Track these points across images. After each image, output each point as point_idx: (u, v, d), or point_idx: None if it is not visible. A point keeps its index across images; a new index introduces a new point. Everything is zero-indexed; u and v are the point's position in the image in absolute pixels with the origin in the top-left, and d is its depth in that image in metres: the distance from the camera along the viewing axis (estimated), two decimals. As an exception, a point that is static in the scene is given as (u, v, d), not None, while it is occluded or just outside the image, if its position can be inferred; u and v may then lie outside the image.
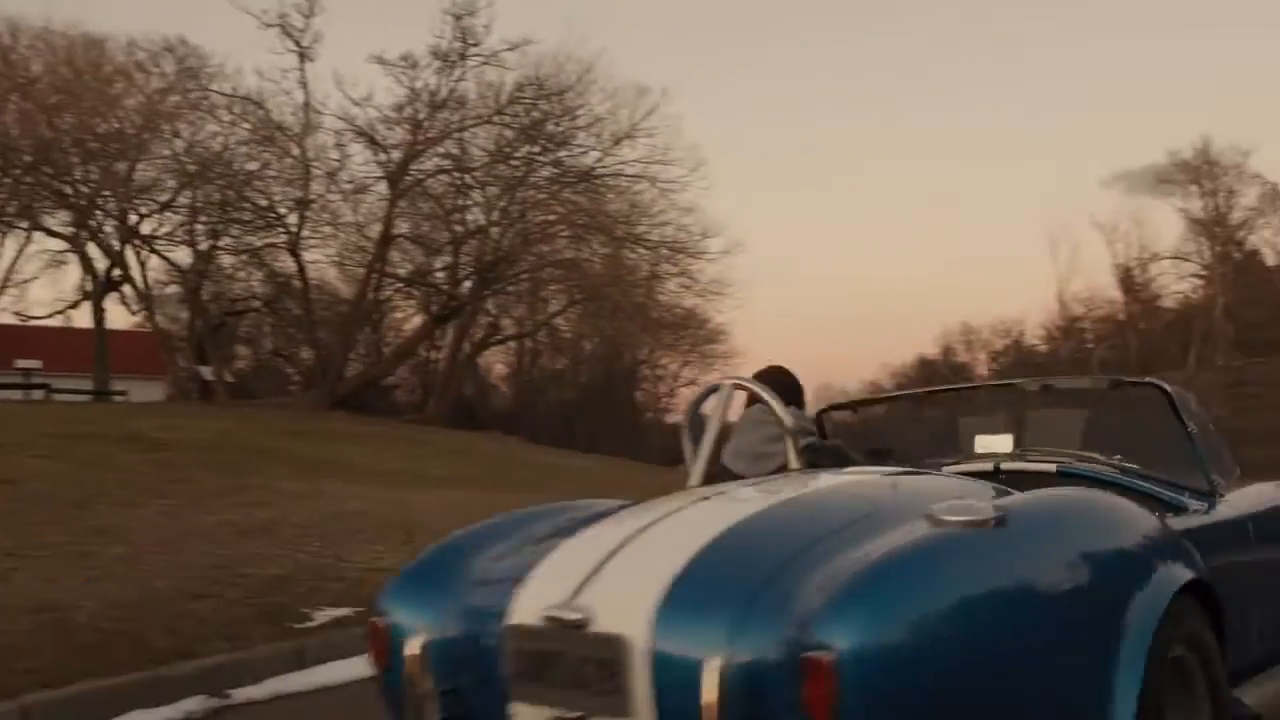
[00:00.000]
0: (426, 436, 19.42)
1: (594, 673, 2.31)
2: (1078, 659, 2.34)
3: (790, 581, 2.23)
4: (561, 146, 26.67)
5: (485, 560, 2.83)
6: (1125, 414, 4.44)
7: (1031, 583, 2.35)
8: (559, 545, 2.67)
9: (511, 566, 2.69)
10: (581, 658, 2.34)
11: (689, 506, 2.85)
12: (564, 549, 2.64)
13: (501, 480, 14.05)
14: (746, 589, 2.25)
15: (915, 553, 2.25)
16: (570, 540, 2.69)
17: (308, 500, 9.87)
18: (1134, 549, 2.68)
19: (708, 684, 2.10)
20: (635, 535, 2.59)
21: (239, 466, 12.01)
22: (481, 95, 26.61)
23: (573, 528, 2.79)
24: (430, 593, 2.78)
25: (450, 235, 26.92)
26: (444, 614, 2.68)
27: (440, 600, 2.73)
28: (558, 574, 2.51)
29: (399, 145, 25.98)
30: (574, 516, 2.95)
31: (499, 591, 2.57)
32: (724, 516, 2.62)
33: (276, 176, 26.05)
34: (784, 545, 2.40)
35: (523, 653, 2.45)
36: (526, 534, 2.94)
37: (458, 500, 11.24)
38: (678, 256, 28.89)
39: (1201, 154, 52.79)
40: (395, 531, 8.57)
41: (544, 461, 18.39)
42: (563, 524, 2.90)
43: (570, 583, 2.43)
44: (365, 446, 15.49)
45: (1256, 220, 53.74)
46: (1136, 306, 61.71)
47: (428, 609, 2.72)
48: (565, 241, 27.92)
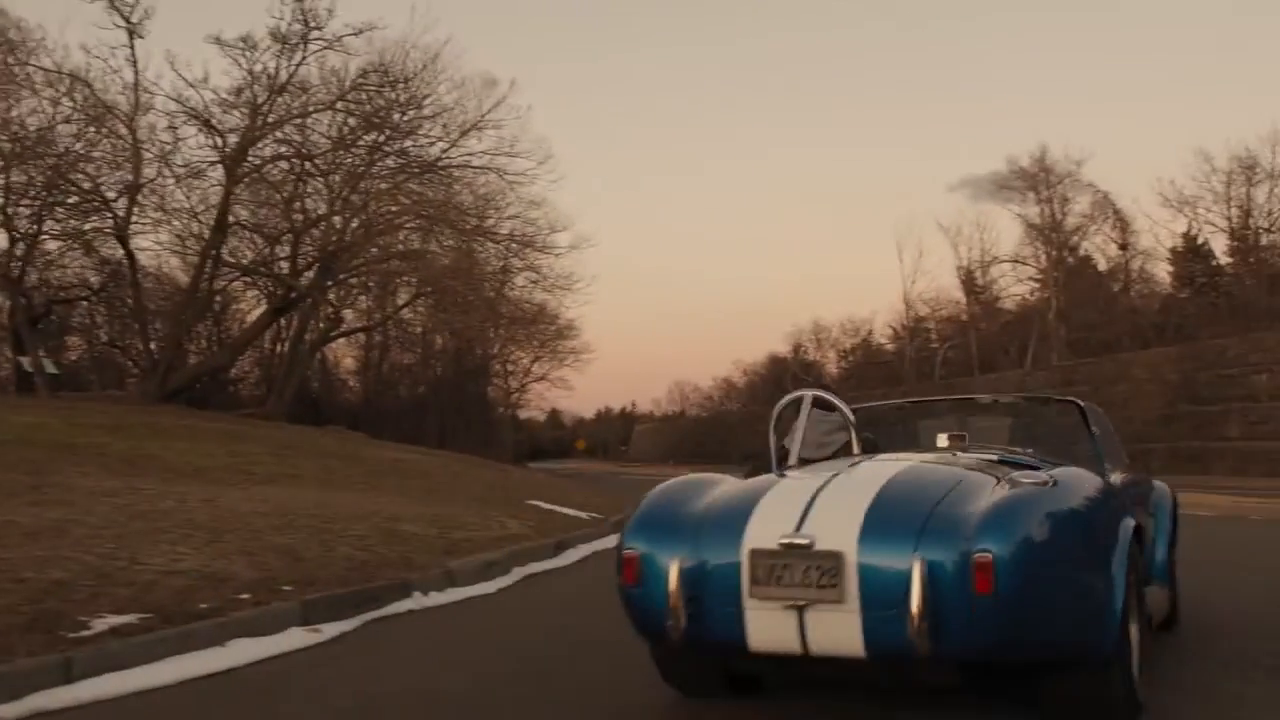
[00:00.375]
0: (259, 432, 18.71)
1: (817, 576, 3.59)
2: (1100, 554, 3.88)
3: (942, 516, 3.65)
4: (407, 136, 26.10)
5: (689, 510, 4.09)
6: (1050, 421, 6.42)
7: (1076, 514, 3.89)
8: (761, 498, 3.95)
9: (721, 513, 3.98)
10: (807, 567, 3.61)
11: (845, 471, 4.20)
12: (769, 500, 3.94)
13: (331, 477, 13.58)
14: (916, 521, 3.63)
15: (1019, 498, 3.77)
16: (769, 495, 3.98)
17: (112, 499, 9.31)
18: (1115, 501, 4.45)
19: (916, 576, 3.43)
20: (823, 488, 3.91)
21: (43, 464, 11.32)
22: (325, 81, 25.87)
23: (752, 488, 4.14)
24: (665, 532, 4.00)
25: (289, 224, 25.99)
26: (682, 545, 3.88)
27: (676, 537, 3.94)
28: (776, 516, 3.78)
29: (236, 130, 24.99)
30: (727, 485, 4.37)
31: (724, 529, 3.84)
32: (877, 477, 3.98)
33: (104, 159, 24.76)
34: (925, 494, 3.81)
35: (759, 566, 3.68)
36: (704, 493, 4.25)
37: (277, 498, 10.79)
38: (525, 251, 28.58)
39: (1038, 162, 54.82)
40: (201, 532, 8.13)
41: (383, 457, 17.89)
42: (729, 487, 4.33)
43: (791, 521, 3.72)
44: (189, 442, 14.81)
45: (1089, 227, 55.98)
46: (978, 307, 63.69)
47: (668, 543, 3.93)
48: (411, 233, 27.31)
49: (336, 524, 9.52)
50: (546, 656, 5.80)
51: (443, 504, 12.55)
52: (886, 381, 67.18)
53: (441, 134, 26.43)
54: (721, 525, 3.89)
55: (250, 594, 6.53)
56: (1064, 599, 3.65)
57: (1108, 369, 39.09)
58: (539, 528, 11.96)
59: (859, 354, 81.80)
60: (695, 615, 3.77)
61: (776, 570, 3.65)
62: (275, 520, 9.20)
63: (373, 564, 8.04)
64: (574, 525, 13.25)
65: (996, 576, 3.45)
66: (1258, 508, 17.03)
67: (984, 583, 3.45)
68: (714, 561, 3.79)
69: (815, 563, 3.60)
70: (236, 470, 12.78)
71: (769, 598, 3.66)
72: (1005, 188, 56.17)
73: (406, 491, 13.29)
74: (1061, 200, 55.04)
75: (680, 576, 3.77)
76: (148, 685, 4.91)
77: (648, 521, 4.13)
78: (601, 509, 16.37)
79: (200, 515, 8.96)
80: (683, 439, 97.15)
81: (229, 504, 9.88)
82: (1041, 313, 55.80)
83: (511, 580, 9.01)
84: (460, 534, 10.25)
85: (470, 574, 8.61)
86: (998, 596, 3.45)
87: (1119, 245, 55.07)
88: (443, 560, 8.69)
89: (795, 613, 3.62)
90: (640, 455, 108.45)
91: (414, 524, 10.35)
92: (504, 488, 16.78)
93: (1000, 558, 3.46)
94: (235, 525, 8.66)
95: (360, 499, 11.76)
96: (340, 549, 8.37)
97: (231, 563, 7.20)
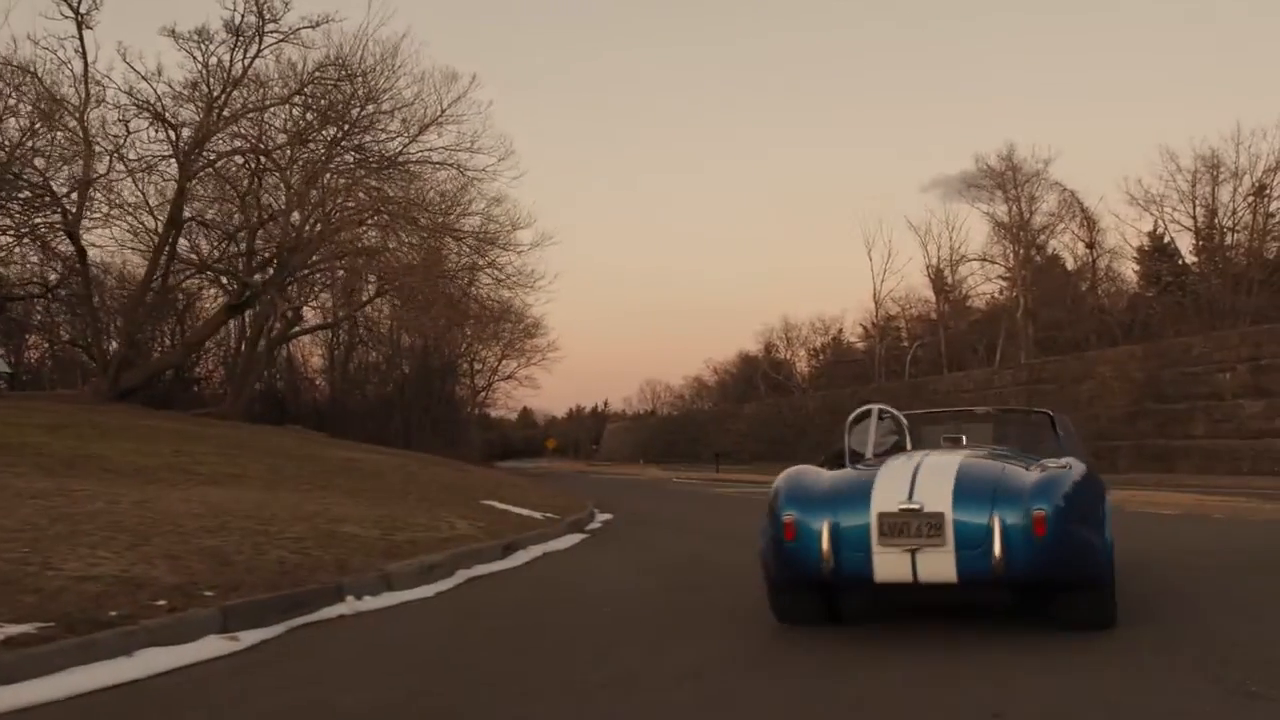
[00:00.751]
0: (212, 431, 18.31)
1: (926, 530, 5.22)
2: (1099, 514, 5.80)
3: (1004, 488, 5.34)
4: (366, 131, 25.61)
5: (817, 490, 5.73)
6: (1027, 427, 8.19)
7: (1084, 486, 5.64)
8: (875, 479, 5.52)
9: (849, 490, 5.61)
10: (919, 523, 5.22)
11: (923, 460, 5.72)
12: (881, 480, 5.50)
13: (278, 477, 13.23)
14: (988, 491, 5.30)
15: (1054, 475, 5.54)
16: (881, 477, 5.54)
17: (38, 501, 8.97)
18: (1101, 481, 6.20)
19: (996, 527, 5.14)
20: (917, 470, 5.51)
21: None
22: (282, 75, 25.39)
23: (862, 473, 5.84)
24: (809, 504, 5.59)
25: (245, 220, 25.48)
26: (824, 513, 5.46)
27: (818, 507, 5.52)
28: (891, 490, 5.37)
29: (190, 124, 24.47)
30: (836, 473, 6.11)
31: (855, 500, 5.43)
32: (950, 464, 5.59)
33: (53, 152, 24.17)
34: (988, 475, 5.52)
35: (885, 524, 5.27)
36: (816, 478, 5.93)
37: (216, 498, 10.46)
38: (487, 248, 28.18)
39: (1006, 160, 54.88)
40: (126, 535, 7.80)
41: (337, 457, 17.53)
42: (841, 473, 6.08)
43: (903, 494, 5.31)
44: (135, 442, 14.42)
45: (1056, 225, 56.10)
46: (947, 306, 63.77)
47: (815, 511, 5.51)
48: (371, 230, 26.86)
49: (274, 526, 9.22)
50: (468, 666, 5.52)
51: (392, 505, 12.25)
52: (856, 379, 67.19)
53: (401, 129, 26.05)
54: (852, 498, 5.54)
55: (167, 600, 6.22)
56: (1083, 542, 5.49)
57: (1073, 367, 39.09)
58: (489, 529, 11.69)
59: (829, 352, 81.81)
60: (837, 559, 5.43)
61: (897, 526, 5.33)
62: (209, 522, 8.89)
63: (306, 567, 7.74)
64: (527, 526, 12.99)
65: (1048, 525, 5.21)
66: (1221, 505, 16.93)
67: (1041, 529, 5.21)
68: (848, 523, 5.44)
69: (924, 520, 5.30)
70: (179, 470, 12.43)
71: (891, 545, 5.33)
72: (973, 186, 56.28)
73: (356, 492, 12.98)
74: (1029, 199, 55.18)
75: (830, 535, 5.44)
76: (36, 700, 4.60)
77: (794, 497, 5.74)
78: (559, 509, 16.11)
79: (130, 517, 8.63)
80: (653, 438, 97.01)
81: (164, 505, 9.55)
82: (1009, 311, 55.91)
83: (453, 584, 8.73)
84: (404, 535, 9.97)
85: (409, 577, 8.33)
86: (1048, 539, 5.22)
87: (1086, 244, 55.27)
88: (380, 563, 8.40)
89: (909, 554, 5.31)
90: (611, 454, 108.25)
91: (357, 525, 10.06)
92: (460, 488, 16.49)
93: (1049, 513, 5.24)
94: (165, 527, 8.34)
95: (304, 500, 11.44)
96: (273, 552, 8.07)
97: (153, 567, 6.89)
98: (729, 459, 62.44)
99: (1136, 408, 34.56)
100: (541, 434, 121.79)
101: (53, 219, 24.90)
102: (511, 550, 10.84)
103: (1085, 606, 5.65)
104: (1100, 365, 37.33)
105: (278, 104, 25.13)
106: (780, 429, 65.89)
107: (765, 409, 72.85)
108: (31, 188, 24.24)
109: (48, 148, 24.36)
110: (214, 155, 25.10)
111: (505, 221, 28.78)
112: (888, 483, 5.50)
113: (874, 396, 56.63)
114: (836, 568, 5.45)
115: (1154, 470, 31.59)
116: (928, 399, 49.54)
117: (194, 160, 24.41)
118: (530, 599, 8.17)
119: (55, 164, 24.40)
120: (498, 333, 42.91)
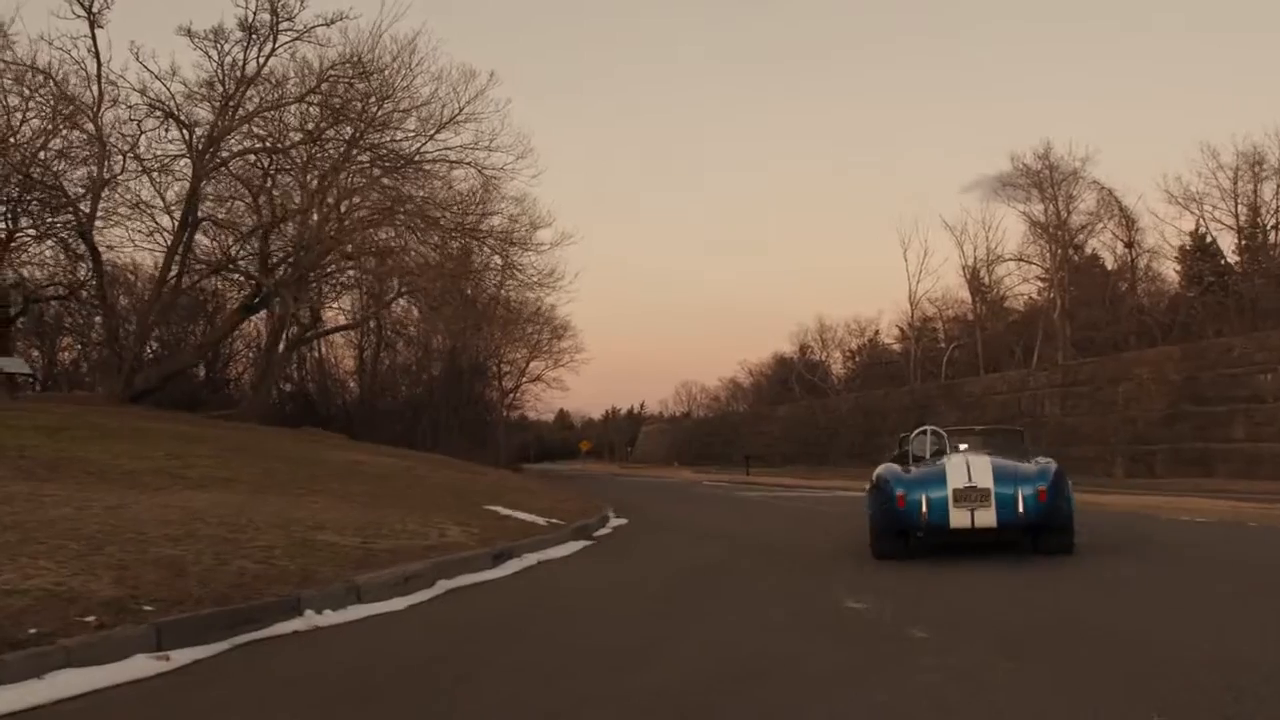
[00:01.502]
0: (217, 434, 18.00)
1: (979, 498, 9.70)
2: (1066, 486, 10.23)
3: (1022, 475, 9.98)
4: (382, 130, 25.23)
5: (908, 478, 10.24)
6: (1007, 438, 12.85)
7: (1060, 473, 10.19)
8: (945, 470, 10.01)
9: (930, 477, 10.10)
10: (975, 494, 9.71)
11: (969, 459, 10.15)
12: (950, 471, 9.93)
13: (270, 481, 12.84)
14: (1012, 477, 9.89)
15: (1047, 465, 10.34)
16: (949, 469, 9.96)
17: (2, 506, 8.63)
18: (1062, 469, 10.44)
19: (1019, 496, 9.73)
20: (969, 465, 9.93)
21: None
22: (300, 74, 25.08)
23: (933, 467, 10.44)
24: (910, 484, 10.02)
25: (258, 220, 25.20)
26: (920, 490, 9.90)
27: (916, 487, 9.96)
28: (957, 476, 9.83)
29: (205, 123, 24.23)
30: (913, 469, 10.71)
31: (937, 483, 9.89)
32: (987, 461, 10.05)
33: (67, 154, 23.97)
34: (1009, 466, 10.15)
35: (957, 495, 9.73)
36: (901, 471, 10.53)
37: (196, 503, 10.10)
38: (507, 248, 27.76)
39: (1043, 159, 53.89)
40: (80, 543, 7.44)
41: (342, 460, 17.18)
42: (918, 468, 10.73)
43: (964, 478, 9.79)
44: (132, 444, 14.11)
45: (1094, 225, 55.05)
46: (984, 307, 62.78)
47: (915, 489, 9.92)
48: (387, 229, 26.48)
49: (245, 533, 8.84)
50: (409, 694, 5.08)
51: (384, 510, 11.85)
52: (891, 381, 66.37)
53: (418, 128, 25.63)
54: (935, 481, 9.88)
55: (97, 616, 5.83)
56: (1061, 505, 9.83)
57: (1109, 368, 38.17)
58: (484, 536, 11.26)
59: (865, 354, 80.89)
60: (930, 516, 9.71)
61: (962, 496, 9.62)
62: (176, 529, 8.51)
63: (267, 579, 7.34)
64: (527, 532, 12.56)
65: (1047, 494, 9.64)
66: (1258, 513, 16.22)
67: (1043, 497, 9.62)
68: (934, 495, 9.73)
69: (979, 493, 9.60)
70: (168, 474, 12.08)
71: (960, 507, 9.62)
72: (1009, 185, 55.28)
73: (350, 497, 12.59)
74: (1066, 198, 54.13)
75: (925, 502, 9.71)
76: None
77: (900, 481, 10.11)
78: (567, 514, 15.67)
79: (93, 524, 8.27)
80: (688, 440, 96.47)
81: (136, 511, 9.20)
82: (1047, 312, 54.92)
83: (431, 595, 8.31)
84: (386, 543, 9.57)
85: (380, 589, 7.91)
86: (1046, 502, 9.63)
87: (1125, 243, 54.18)
88: (351, 574, 7.98)
89: (970, 511, 9.60)
90: (646, 456, 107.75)
91: (337, 532, 9.66)
92: (465, 492, 16.08)
93: (1047, 488, 9.70)
94: (126, 535, 7.97)
95: (291, 505, 11.06)
96: (236, 561, 7.68)
97: (95, 578, 6.51)
98: (760, 461, 61.80)
99: (1174, 410, 33.65)
100: (577, 436, 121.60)
101: (65, 219, 24.70)
102: (502, 559, 10.40)
103: (1057, 541, 10.14)
104: (1137, 367, 36.42)
105: (292, 103, 24.82)
106: (813, 431, 65.21)
107: (798, 411, 72.15)
108: (47, 189, 24.04)
109: (64, 148, 24.14)
110: (228, 154, 24.81)
111: (525, 221, 28.42)
112: (954, 472, 9.94)
113: (907, 399, 55.88)
114: (929, 521, 9.86)
115: (1192, 475, 30.70)
116: (960, 401, 48.73)
117: (208, 160, 24.14)
118: (507, 613, 7.72)
119: (72, 164, 24.22)
120: (514, 335, 42.45)
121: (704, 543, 13.68)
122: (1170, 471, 32.44)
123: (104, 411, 19.26)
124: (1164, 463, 33.42)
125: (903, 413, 54.48)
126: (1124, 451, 35.59)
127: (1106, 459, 36.29)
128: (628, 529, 16.41)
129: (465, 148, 25.57)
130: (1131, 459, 35.09)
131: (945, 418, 49.23)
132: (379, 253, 26.40)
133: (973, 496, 9.60)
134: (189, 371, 46.74)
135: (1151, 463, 34.08)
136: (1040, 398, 41.30)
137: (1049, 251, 55.93)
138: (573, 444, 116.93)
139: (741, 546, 12.78)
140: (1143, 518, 15.51)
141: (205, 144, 24.02)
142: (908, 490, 9.87)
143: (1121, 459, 35.64)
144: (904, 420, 52.36)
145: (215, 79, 23.95)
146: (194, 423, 20.60)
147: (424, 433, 47.64)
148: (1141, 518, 15.50)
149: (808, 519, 18.05)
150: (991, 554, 10.19)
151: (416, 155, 25.68)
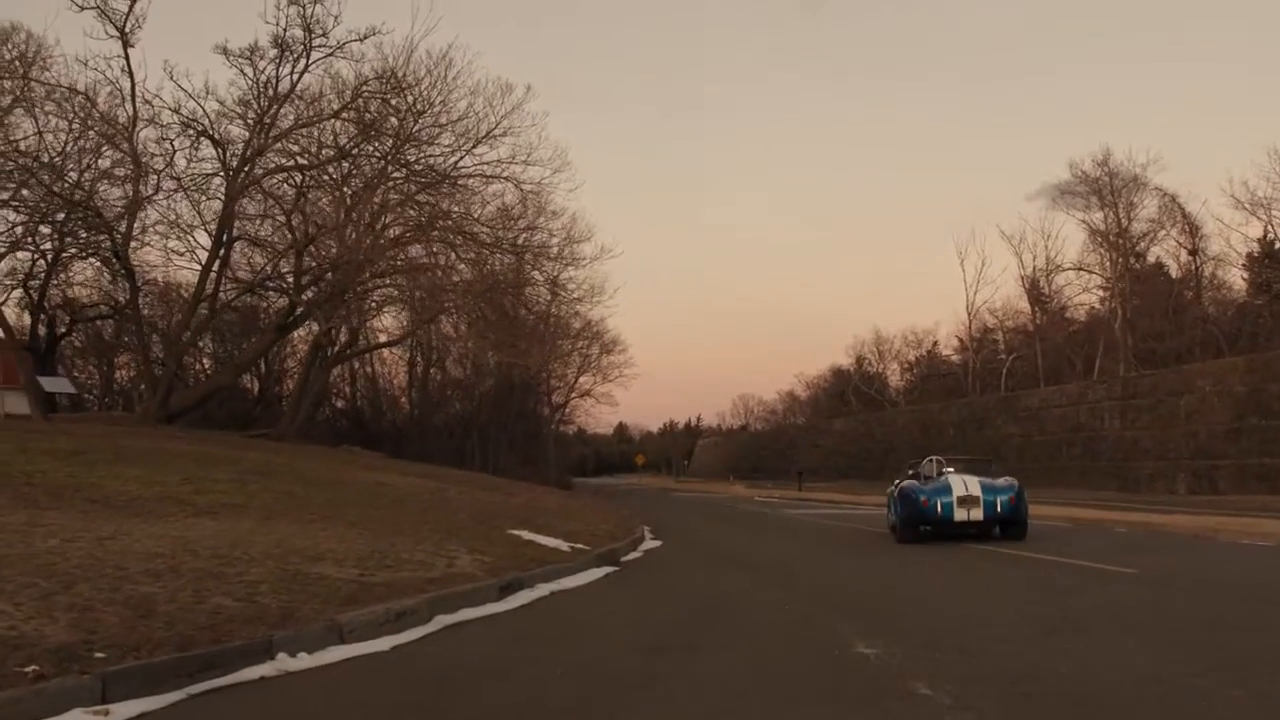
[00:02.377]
0: (245, 454, 17.76)
1: (972, 501, 16.72)
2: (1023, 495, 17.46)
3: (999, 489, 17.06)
4: (418, 145, 24.98)
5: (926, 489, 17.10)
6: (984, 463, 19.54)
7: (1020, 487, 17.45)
8: (950, 483, 16.91)
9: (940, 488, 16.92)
10: (970, 499, 16.72)
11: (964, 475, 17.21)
12: (953, 484, 16.87)
13: (282, 507, 12.51)
14: (993, 489, 16.99)
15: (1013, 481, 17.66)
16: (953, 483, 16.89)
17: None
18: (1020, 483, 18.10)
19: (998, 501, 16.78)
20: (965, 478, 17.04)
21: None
22: (335, 90, 24.94)
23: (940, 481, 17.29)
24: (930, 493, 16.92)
25: (291, 239, 25.05)
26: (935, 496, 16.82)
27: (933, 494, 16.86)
28: (959, 487, 16.82)
29: (239, 141, 24.16)
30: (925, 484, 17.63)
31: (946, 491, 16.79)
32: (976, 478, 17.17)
33: (102, 174, 23.95)
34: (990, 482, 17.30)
35: (959, 499, 16.68)
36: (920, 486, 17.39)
37: (192, 533, 9.77)
38: (546, 263, 27.43)
39: (1102, 166, 52.71)
40: (51, 580, 7.09)
41: (365, 482, 16.85)
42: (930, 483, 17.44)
43: (963, 489, 16.82)
44: (148, 468, 13.86)
45: (1156, 232, 53.73)
46: (1044, 317, 61.51)
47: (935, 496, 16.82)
48: (425, 245, 26.23)
49: (235, 565, 8.47)
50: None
51: (395, 537, 11.47)
52: (949, 394, 65.30)
53: (454, 143, 25.35)
54: (944, 491, 16.66)
55: (40, 665, 5.46)
56: (1021, 507, 16.91)
57: (1170, 381, 36.97)
58: (496, 564, 10.83)
59: (923, 366, 79.71)
60: (941, 513, 16.53)
61: (963, 500, 16.47)
62: (162, 563, 8.17)
63: (243, 617, 6.95)
64: (546, 559, 12.13)
65: (1015, 500, 16.74)
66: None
67: (1013, 501, 16.68)
68: (943, 500, 16.53)
69: (972, 498, 16.48)
70: (176, 501, 11.79)
71: (961, 508, 16.45)
72: (1068, 193, 54.13)
73: (361, 523, 12.21)
74: (1127, 205, 52.88)
75: (940, 504, 16.53)
76: None
77: (923, 491, 16.90)
78: (596, 538, 15.25)
79: (75, 558, 7.94)
80: (743, 453, 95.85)
81: (125, 543, 8.88)
82: (1108, 322, 53.64)
83: (423, 632, 7.87)
84: (384, 575, 9.17)
85: (366, 627, 7.49)
86: (1014, 505, 16.66)
87: (1189, 251, 52.77)
88: (335, 611, 7.58)
89: (967, 510, 16.44)
90: (702, 469, 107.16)
91: (335, 563, 9.29)
92: (489, 515, 15.69)
93: (1016, 495, 16.83)
94: (105, 570, 7.62)
95: (296, 533, 10.71)
96: (214, 599, 7.31)
97: (51, 621, 6.15)
98: (814, 476, 60.99)
99: (1239, 424, 32.46)
100: (635, 449, 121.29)
101: (100, 239, 24.72)
102: (510, 591, 9.96)
103: (1016, 531, 16.62)
104: (1199, 379, 35.22)
105: (327, 119, 24.62)
106: (868, 444, 64.29)
107: (854, 425, 71.22)
108: (86, 211, 24.04)
109: (106, 169, 24.15)
110: (262, 172, 24.68)
111: (565, 236, 28.10)
112: (956, 485, 16.54)
113: (964, 411, 54.81)
114: (941, 515, 16.33)
115: (1257, 492, 29.55)
116: (1017, 415, 47.68)
117: (243, 178, 24.03)
118: (502, 655, 7.28)
119: (110, 184, 24.23)
120: (575, 348, 42.13)
121: (728, 571, 13.25)
122: (1235, 488, 31.29)
123: (133, 433, 19.13)
124: (1228, 479, 32.26)
125: (959, 426, 53.46)
126: (1186, 467, 34.42)
127: (1168, 475, 35.15)
128: (658, 553, 15.95)
129: (502, 162, 25.35)
130: (1194, 475, 33.92)
131: (1002, 430, 48.18)
132: (413, 269, 26.10)
133: (969, 501, 16.40)
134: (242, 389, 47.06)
135: (1215, 479, 32.91)
136: (1100, 411, 40.16)
137: (1109, 260, 54.68)
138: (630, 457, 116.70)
139: (765, 578, 12.28)
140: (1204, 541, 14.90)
141: (240, 162, 23.94)
142: (929, 497, 16.65)
143: (1184, 475, 34.48)
144: (960, 434, 51.32)
145: (250, 96, 23.92)
146: (223, 443, 20.41)
147: (473, 449, 47.46)
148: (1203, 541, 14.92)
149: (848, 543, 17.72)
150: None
151: (453, 170, 25.44)
